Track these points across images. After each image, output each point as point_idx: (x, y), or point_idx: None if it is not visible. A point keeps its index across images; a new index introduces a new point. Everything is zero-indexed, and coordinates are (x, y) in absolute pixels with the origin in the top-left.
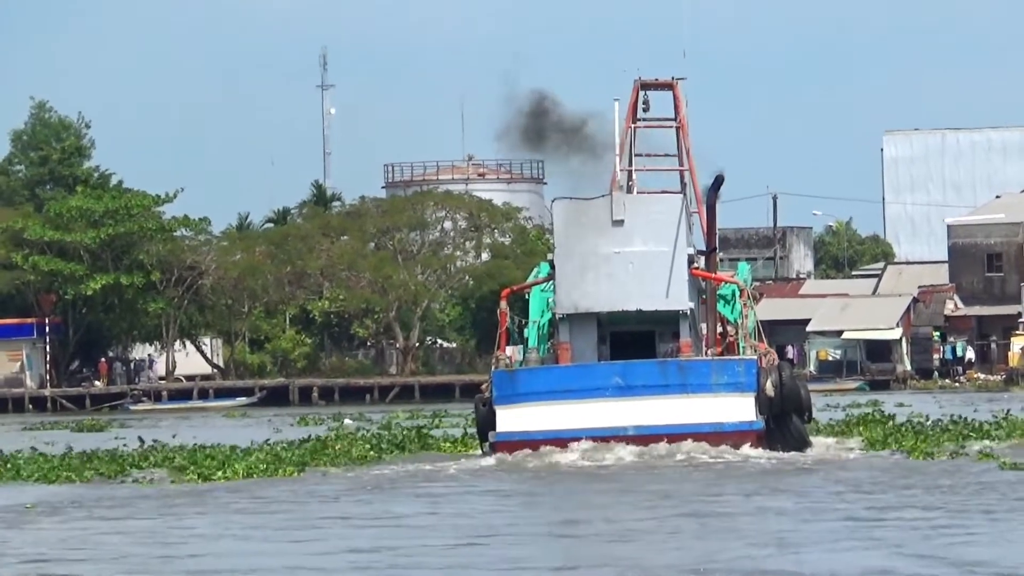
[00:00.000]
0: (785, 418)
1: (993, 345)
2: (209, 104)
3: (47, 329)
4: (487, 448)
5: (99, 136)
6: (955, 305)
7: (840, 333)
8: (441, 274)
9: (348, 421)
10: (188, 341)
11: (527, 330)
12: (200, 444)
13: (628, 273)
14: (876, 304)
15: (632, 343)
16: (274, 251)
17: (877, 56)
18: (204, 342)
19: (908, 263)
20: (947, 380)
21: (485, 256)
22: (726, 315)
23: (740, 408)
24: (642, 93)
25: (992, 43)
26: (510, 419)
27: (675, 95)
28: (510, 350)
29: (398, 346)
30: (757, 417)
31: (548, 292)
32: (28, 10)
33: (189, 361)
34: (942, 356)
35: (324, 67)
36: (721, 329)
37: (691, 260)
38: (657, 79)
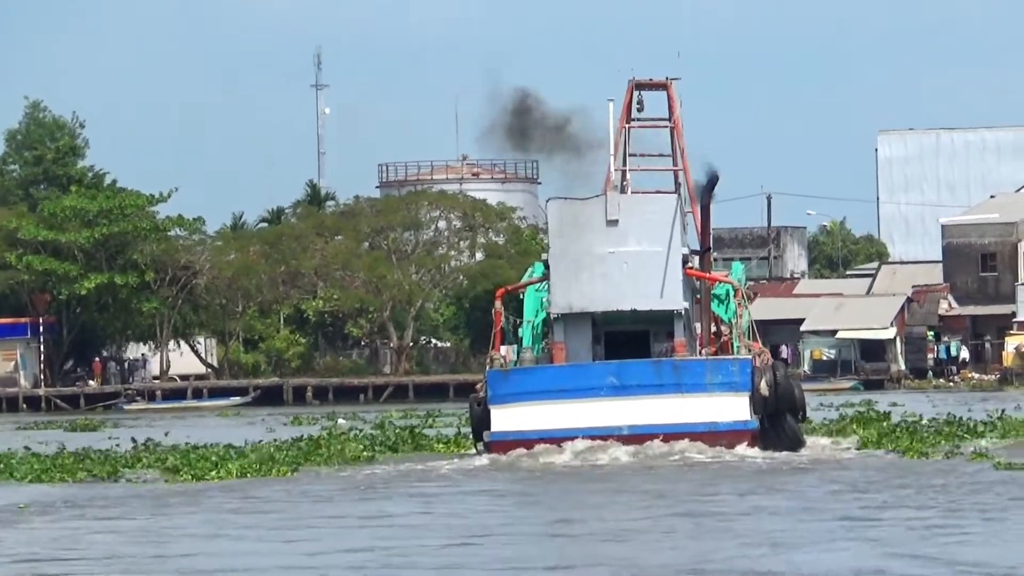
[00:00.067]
0: (779, 418)
1: (987, 345)
2: (203, 104)
3: (41, 329)
4: (482, 448)
5: (93, 136)
6: (949, 305)
7: (834, 333)
8: (435, 274)
9: (341, 421)
10: (182, 341)
11: (522, 330)
12: (193, 444)
13: (623, 273)
14: (870, 304)
15: (627, 343)
16: (268, 251)
17: (872, 56)
18: (198, 342)
19: (902, 263)
20: (941, 380)
21: (479, 256)
22: (720, 315)
23: (735, 408)
24: (636, 93)
25: (987, 43)
26: (505, 419)
27: (669, 95)
28: (504, 349)
29: (392, 346)
30: (751, 417)
31: (543, 292)
32: (21, 10)
33: (183, 361)
34: (936, 356)
35: (319, 67)
36: (715, 329)
37: (685, 260)
38: (651, 79)
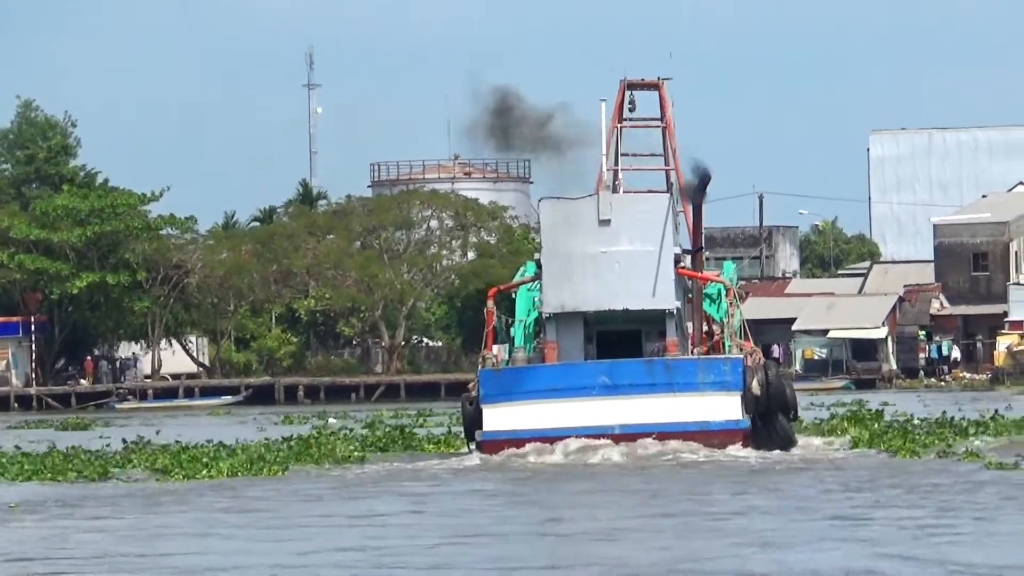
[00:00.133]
0: (771, 417)
1: (979, 344)
2: (195, 103)
3: (33, 328)
4: (474, 447)
5: (85, 135)
6: (941, 304)
7: (826, 332)
8: (427, 273)
9: (332, 420)
10: (174, 340)
11: (514, 329)
12: (183, 445)
13: (615, 272)
14: (862, 303)
15: (619, 342)
16: (260, 250)
17: (864, 56)
18: (190, 341)
19: (894, 262)
20: (933, 379)
21: (471, 255)
22: (712, 314)
23: (726, 407)
24: (628, 93)
25: (979, 44)
26: (497, 418)
27: (661, 95)
28: (496, 349)
29: (384, 345)
30: (743, 416)
31: (535, 291)
32: (12, 11)
33: (175, 360)
34: (928, 355)
35: (311, 66)
36: (707, 328)
37: (677, 259)
38: (643, 79)
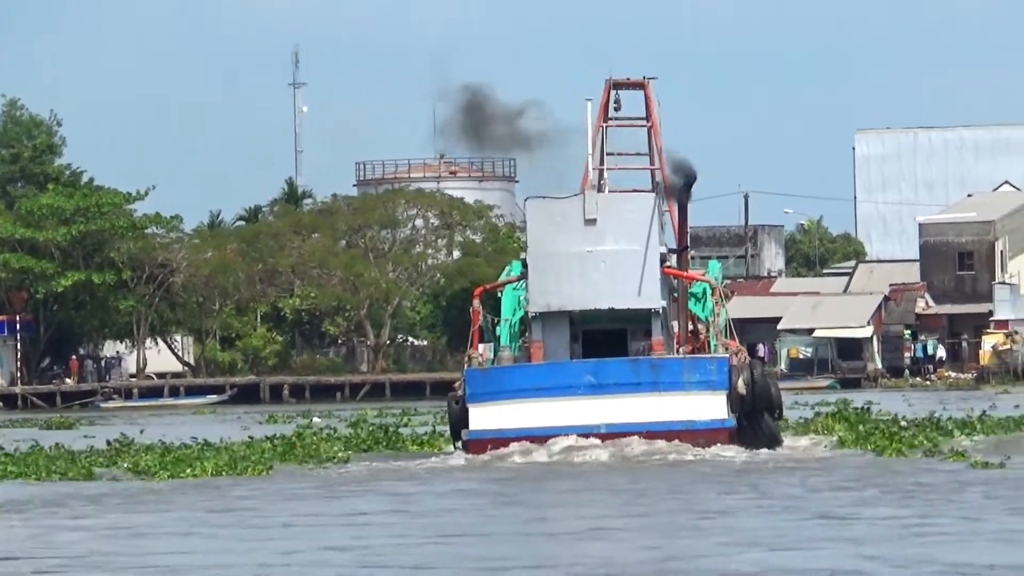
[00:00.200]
0: (756, 416)
1: (964, 343)
2: (180, 102)
3: (18, 326)
4: (459, 446)
5: (70, 134)
6: (926, 303)
7: (811, 331)
8: (412, 272)
9: (317, 419)
10: (159, 339)
11: (499, 328)
12: (167, 446)
13: (600, 272)
14: (847, 302)
15: (604, 341)
16: (245, 249)
17: (850, 55)
18: (175, 340)
19: (879, 261)
20: (918, 378)
21: (456, 254)
22: (697, 313)
23: (712, 406)
24: (613, 92)
25: (965, 43)
26: (483, 417)
27: (646, 95)
28: (482, 348)
29: (369, 344)
30: (729, 415)
31: (520, 290)
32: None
33: (160, 359)
34: (913, 354)
35: (296, 65)
36: (692, 327)
37: (663, 259)
38: (629, 78)
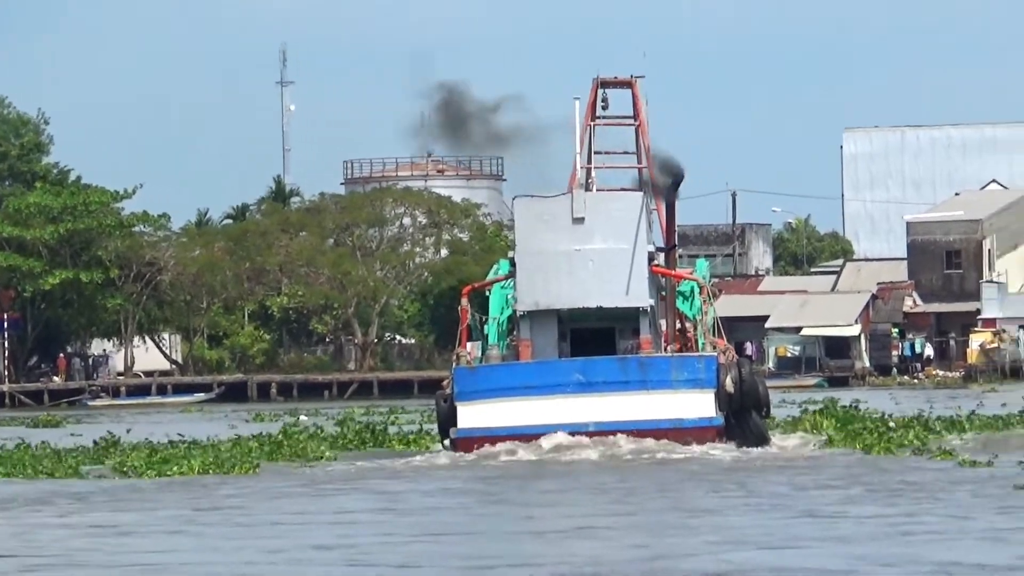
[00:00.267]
0: (744, 414)
1: (952, 342)
2: (168, 101)
3: (5, 325)
4: (447, 444)
5: (58, 132)
6: (914, 302)
7: (799, 330)
8: (400, 270)
9: (303, 417)
10: (147, 337)
11: (487, 327)
12: (153, 445)
13: (588, 270)
14: (835, 301)
15: (592, 340)
16: (233, 247)
17: (838, 54)
18: (163, 338)
19: (867, 260)
20: (906, 377)
21: (444, 252)
22: (685, 312)
23: (700, 404)
24: (601, 91)
25: (953, 42)
26: (471, 415)
27: (634, 93)
28: (470, 346)
29: (356, 342)
30: (717, 413)
31: (508, 289)
32: None
33: (148, 357)
34: (901, 353)
35: (284, 63)
36: (680, 326)
37: (651, 257)
38: (616, 77)
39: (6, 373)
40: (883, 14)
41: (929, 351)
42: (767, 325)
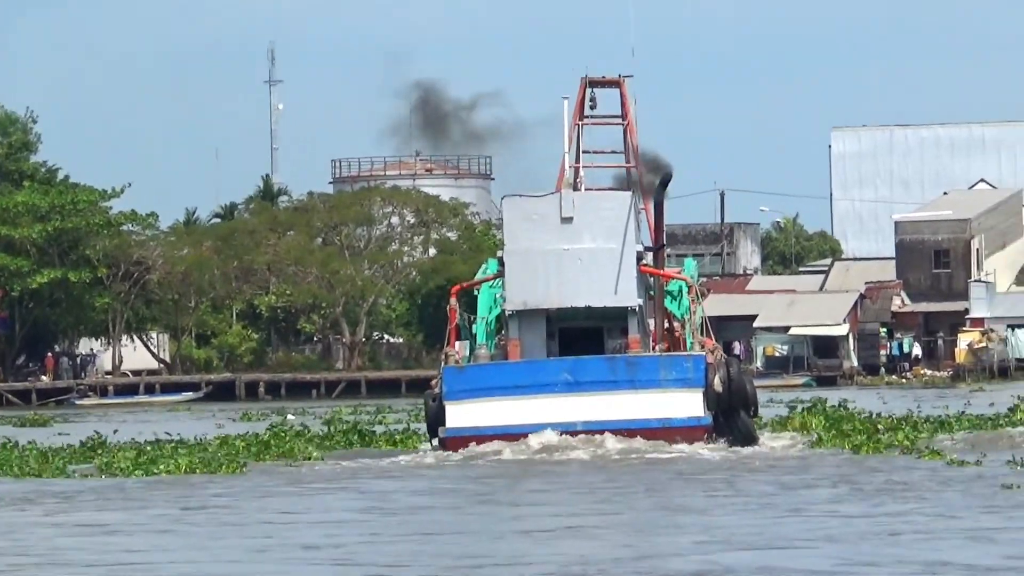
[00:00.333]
0: (733, 413)
1: (940, 341)
2: (156, 99)
3: None
4: (436, 443)
5: (46, 131)
6: (902, 301)
7: (787, 329)
8: (388, 269)
9: (291, 416)
10: (135, 336)
11: (476, 326)
12: (140, 446)
13: (577, 270)
14: (823, 300)
15: (581, 339)
16: (221, 246)
17: (826, 52)
18: (151, 337)
19: (855, 259)
20: (894, 376)
21: (432, 252)
22: (673, 311)
23: (689, 403)
24: (589, 90)
25: (942, 41)
26: (460, 415)
27: (622, 93)
28: (458, 346)
29: (345, 341)
30: (705, 412)
31: (496, 288)
32: None
33: (136, 356)
34: (889, 352)
35: (272, 62)
36: (668, 325)
37: (639, 257)
38: (604, 76)
39: None
40: (872, 13)
41: (917, 351)
42: (755, 324)
